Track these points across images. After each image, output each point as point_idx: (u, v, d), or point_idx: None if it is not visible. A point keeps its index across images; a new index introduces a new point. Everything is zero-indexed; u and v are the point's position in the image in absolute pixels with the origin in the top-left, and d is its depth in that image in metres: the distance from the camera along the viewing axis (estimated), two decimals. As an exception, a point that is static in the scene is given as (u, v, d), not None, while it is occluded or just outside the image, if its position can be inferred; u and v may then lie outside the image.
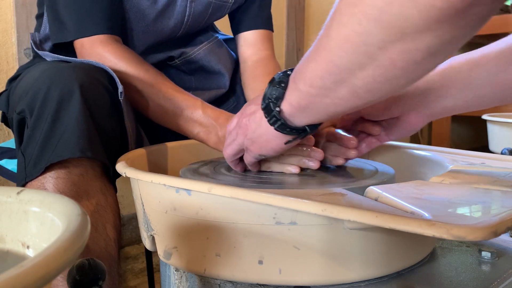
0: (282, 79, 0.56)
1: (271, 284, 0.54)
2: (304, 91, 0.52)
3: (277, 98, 0.56)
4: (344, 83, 0.47)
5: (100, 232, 0.69)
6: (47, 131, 0.67)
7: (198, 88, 1.02)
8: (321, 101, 0.51)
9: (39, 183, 0.67)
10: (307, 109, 0.54)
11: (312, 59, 0.49)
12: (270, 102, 0.56)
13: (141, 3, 0.89)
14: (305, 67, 0.51)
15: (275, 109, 0.56)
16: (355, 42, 0.42)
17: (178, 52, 0.99)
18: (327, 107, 0.51)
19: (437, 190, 0.54)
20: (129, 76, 0.80)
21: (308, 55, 0.51)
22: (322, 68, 0.48)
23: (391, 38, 0.40)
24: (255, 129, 0.62)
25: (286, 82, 0.55)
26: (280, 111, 0.56)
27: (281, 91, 0.55)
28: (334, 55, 0.45)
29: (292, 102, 0.54)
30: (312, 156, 0.67)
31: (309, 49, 0.51)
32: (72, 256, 0.28)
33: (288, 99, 0.55)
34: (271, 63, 1.01)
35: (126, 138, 0.76)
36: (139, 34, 0.92)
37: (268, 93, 0.57)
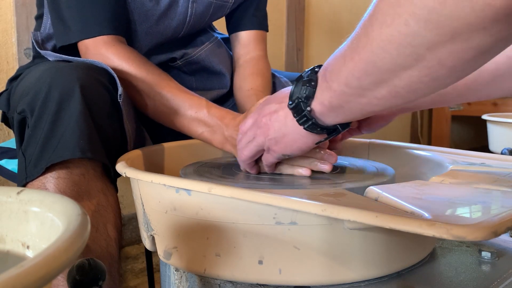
0: (311, 77, 0.54)
1: (271, 284, 0.54)
2: (338, 90, 0.50)
3: (307, 97, 0.54)
4: (384, 84, 0.46)
5: (101, 232, 0.69)
6: (48, 131, 0.67)
7: (199, 89, 1.02)
8: (356, 101, 0.49)
9: (40, 183, 0.67)
10: (341, 109, 0.52)
11: (350, 59, 0.47)
12: (300, 101, 0.54)
13: (144, 4, 0.89)
14: (340, 66, 0.49)
15: (306, 108, 0.54)
16: (400, 43, 0.41)
17: (180, 53, 0.99)
18: (362, 106, 0.50)
19: (437, 190, 0.54)
20: (133, 77, 0.80)
21: (342, 54, 0.49)
22: (360, 68, 0.46)
23: (441, 39, 0.38)
24: (279, 128, 0.60)
25: (315, 80, 0.54)
26: (311, 110, 0.54)
27: (312, 90, 0.54)
28: (376, 56, 0.44)
29: (324, 102, 0.53)
30: (325, 158, 0.66)
31: (343, 48, 0.49)
32: (72, 256, 0.28)
33: (319, 98, 0.53)
34: (260, 63, 1.02)
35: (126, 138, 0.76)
36: (142, 35, 0.92)
37: (296, 92, 0.55)
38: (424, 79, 0.43)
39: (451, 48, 0.39)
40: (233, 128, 0.77)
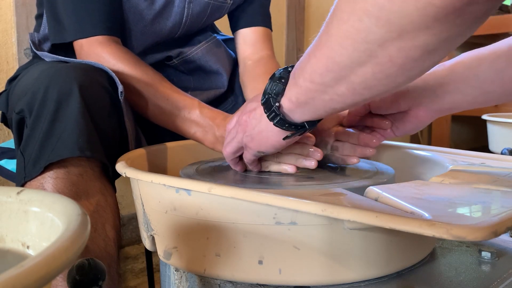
0: (283, 75, 0.57)
1: (271, 284, 0.54)
2: (304, 87, 0.52)
3: (277, 94, 0.56)
4: (343, 80, 0.47)
5: (99, 232, 0.69)
6: (46, 131, 0.67)
7: (196, 88, 1.02)
8: (320, 97, 0.51)
9: (38, 183, 0.67)
10: (306, 105, 0.54)
11: (313, 56, 0.49)
12: (270, 97, 0.57)
13: (139, 4, 0.89)
14: (305, 64, 0.51)
15: (275, 104, 0.56)
16: (355, 39, 0.43)
17: (176, 52, 0.99)
18: (325, 103, 0.52)
19: (437, 190, 0.54)
20: (127, 77, 0.80)
21: (308, 52, 0.51)
22: (322, 64, 0.48)
23: (391, 36, 0.40)
24: (255, 125, 0.62)
25: (286, 78, 0.56)
26: (280, 106, 0.56)
27: (281, 87, 0.56)
28: (334, 52, 0.46)
29: (291, 98, 0.55)
30: (311, 155, 0.67)
31: (310, 46, 0.51)
32: (72, 256, 0.28)
33: (287, 95, 0.55)
34: (271, 63, 1.01)
35: (126, 138, 0.76)
36: (137, 34, 0.92)
37: (268, 89, 0.57)
38: (377, 76, 0.45)
39: (400, 46, 0.41)
40: (223, 128, 0.77)
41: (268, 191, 0.50)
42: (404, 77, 0.45)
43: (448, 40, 0.40)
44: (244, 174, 0.70)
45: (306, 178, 0.66)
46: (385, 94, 0.52)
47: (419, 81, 0.66)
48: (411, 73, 0.45)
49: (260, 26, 1.04)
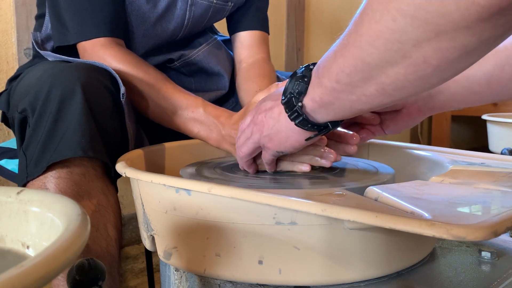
0: (305, 73, 0.54)
1: (271, 284, 0.54)
2: (329, 87, 0.50)
3: (299, 93, 0.54)
4: (372, 81, 0.46)
5: (101, 232, 0.69)
6: (49, 131, 0.67)
7: (198, 90, 1.02)
8: (346, 97, 0.50)
9: (40, 182, 0.67)
10: (331, 106, 0.52)
11: (340, 55, 0.47)
12: (292, 97, 0.55)
13: (141, 7, 0.89)
14: (330, 63, 0.49)
15: (297, 104, 0.54)
16: (388, 39, 0.41)
17: (177, 55, 0.99)
18: (352, 104, 0.50)
19: (437, 190, 0.54)
20: (130, 78, 0.81)
21: (334, 50, 0.49)
22: (350, 64, 0.46)
23: (427, 36, 0.39)
24: (273, 125, 0.60)
25: (309, 77, 0.54)
26: (302, 106, 0.55)
27: (304, 86, 0.54)
28: (364, 51, 0.44)
29: (315, 98, 0.53)
30: (325, 156, 0.67)
31: (335, 45, 0.49)
32: (72, 256, 0.28)
33: (311, 94, 0.54)
34: (265, 66, 1.01)
35: (127, 138, 0.76)
36: (139, 37, 0.92)
37: (290, 88, 0.55)
38: (410, 77, 0.43)
39: (436, 46, 0.39)
40: (229, 127, 0.77)
41: (268, 191, 0.50)
42: (438, 79, 0.44)
43: (488, 40, 0.38)
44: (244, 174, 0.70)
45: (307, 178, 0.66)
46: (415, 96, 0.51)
47: None
48: (446, 74, 0.43)
49: (257, 30, 1.04)
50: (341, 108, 0.52)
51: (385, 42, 0.42)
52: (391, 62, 0.43)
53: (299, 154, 0.67)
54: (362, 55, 0.45)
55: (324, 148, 0.67)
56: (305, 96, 0.54)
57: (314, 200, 0.47)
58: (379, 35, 0.42)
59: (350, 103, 0.50)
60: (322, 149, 0.67)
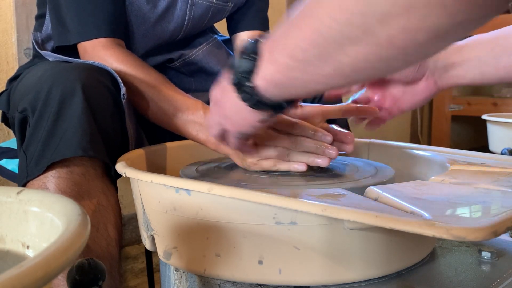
0: (254, 48, 0.49)
1: (271, 284, 0.54)
2: (283, 64, 0.45)
3: (248, 72, 0.49)
4: (330, 59, 0.41)
5: (101, 232, 0.69)
6: (49, 130, 0.67)
7: (198, 90, 1.02)
8: (301, 77, 0.45)
9: (41, 182, 0.67)
10: (284, 85, 0.48)
11: (296, 27, 0.43)
12: (242, 76, 0.50)
13: (142, 7, 0.90)
14: (284, 36, 0.44)
15: (247, 84, 0.49)
16: (351, 11, 0.37)
17: (177, 54, 0.99)
18: (307, 84, 0.46)
19: (437, 190, 0.54)
20: (130, 79, 0.81)
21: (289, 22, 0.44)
22: (306, 37, 0.42)
23: (395, 10, 0.35)
24: (230, 106, 0.55)
25: (259, 52, 0.49)
26: (253, 86, 0.50)
27: (253, 63, 0.48)
28: (323, 24, 0.39)
29: (266, 76, 0.48)
30: (326, 154, 0.66)
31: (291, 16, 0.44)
32: (72, 256, 0.28)
33: (262, 73, 0.48)
34: None
35: (127, 139, 0.76)
36: (139, 37, 0.92)
37: (237, 66, 0.50)
38: (371, 58, 0.39)
39: (404, 25, 0.35)
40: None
41: (268, 191, 0.50)
42: (401, 62, 0.40)
43: (462, 24, 0.34)
44: (244, 174, 0.70)
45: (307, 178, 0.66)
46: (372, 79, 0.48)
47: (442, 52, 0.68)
48: (410, 58, 0.39)
49: (257, 30, 1.04)
50: (296, 88, 0.48)
51: (347, 15, 0.37)
52: (351, 39, 0.38)
53: (296, 153, 0.67)
54: (321, 28, 0.40)
55: (325, 145, 0.66)
56: (255, 74, 0.49)
57: (314, 200, 0.47)
58: (341, 5, 0.37)
59: (304, 83, 0.46)
60: (323, 146, 0.66)
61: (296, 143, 0.66)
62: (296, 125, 0.67)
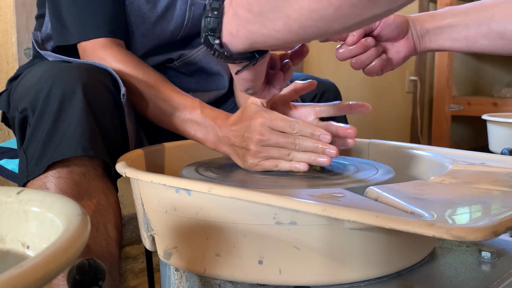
0: (215, 5, 0.50)
1: (271, 284, 0.54)
2: (243, 17, 0.48)
3: (213, 30, 0.50)
4: (280, 13, 0.44)
5: (101, 232, 0.69)
6: (49, 130, 0.67)
7: (198, 90, 1.02)
8: (260, 31, 0.47)
9: (41, 182, 0.67)
10: (248, 39, 0.50)
11: None
12: (208, 35, 0.51)
13: (141, 7, 0.90)
14: None
15: (215, 42, 0.51)
16: None
17: (177, 54, 0.99)
18: (266, 39, 0.48)
19: (437, 190, 0.54)
20: (129, 79, 0.81)
21: None
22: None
23: None
24: None
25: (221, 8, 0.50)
26: (221, 42, 0.51)
27: (216, 20, 0.50)
28: None
29: (232, 31, 0.50)
30: (326, 152, 0.66)
31: None
32: (72, 256, 0.28)
33: (227, 27, 0.50)
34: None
35: (127, 139, 0.76)
36: (139, 37, 0.92)
37: (204, 25, 0.51)
38: (313, 16, 0.42)
39: None
40: (226, 128, 0.76)
41: (268, 191, 0.50)
42: (340, 24, 0.43)
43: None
44: (244, 174, 0.70)
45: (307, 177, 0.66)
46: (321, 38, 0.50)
47: None
48: (347, 20, 0.42)
49: None
50: (258, 42, 0.50)
51: None
52: None
53: (297, 152, 0.67)
54: None
55: (326, 144, 0.66)
56: (221, 31, 0.51)
57: (314, 200, 0.47)
58: None
59: (264, 38, 0.48)
60: (324, 146, 0.66)
61: (296, 143, 0.66)
62: (295, 124, 0.67)
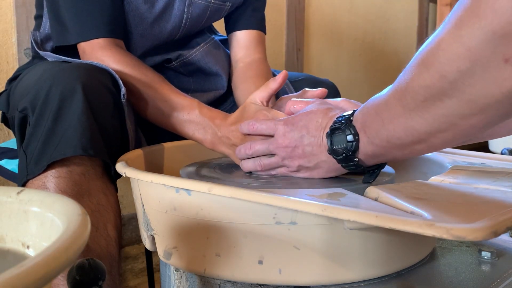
0: (351, 129, 0.58)
1: (271, 284, 0.54)
2: (380, 145, 0.55)
3: (354, 151, 0.58)
4: (423, 142, 0.51)
5: (101, 231, 0.69)
6: (49, 129, 0.67)
7: (196, 90, 1.02)
8: (398, 152, 0.55)
9: (40, 182, 0.67)
10: (383, 156, 0.58)
11: (388, 122, 0.52)
12: (348, 155, 0.58)
13: (139, 7, 0.89)
14: (378, 127, 0.54)
15: (354, 160, 0.59)
16: (436, 113, 0.46)
17: (175, 55, 0.99)
18: (403, 155, 0.56)
19: (437, 190, 0.54)
20: (128, 79, 0.81)
21: (379, 114, 0.53)
22: (400, 131, 0.51)
23: (473, 112, 0.44)
24: (315, 162, 0.63)
25: (356, 134, 0.57)
26: (358, 160, 0.59)
27: (356, 145, 0.58)
28: (414, 121, 0.49)
29: (367, 153, 0.58)
30: None
31: (375, 103, 0.54)
32: (72, 256, 0.28)
33: (363, 151, 0.58)
34: (262, 66, 1.02)
35: (127, 139, 0.76)
36: (137, 37, 0.92)
37: (337, 143, 0.59)
38: (457, 137, 0.49)
39: (482, 117, 0.44)
40: (225, 128, 0.76)
41: (268, 191, 0.50)
42: (483, 132, 0.49)
43: None
44: (244, 174, 0.70)
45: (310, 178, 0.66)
46: None
47: None
48: (488, 129, 0.48)
49: (254, 30, 1.04)
50: (393, 157, 0.57)
51: (433, 115, 0.47)
52: (439, 130, 0.48)
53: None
54: (412, 124, 0.49)
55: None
56: (358, 152, 0.58)
57: (314, 200, 0.47)
58: (426, 109, 0.47)
59: (401, 155, 0.56)
60: None
61: None
62: None
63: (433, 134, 0.49)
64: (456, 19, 0.42)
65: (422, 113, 0.48)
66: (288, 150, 0.64)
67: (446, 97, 0.44)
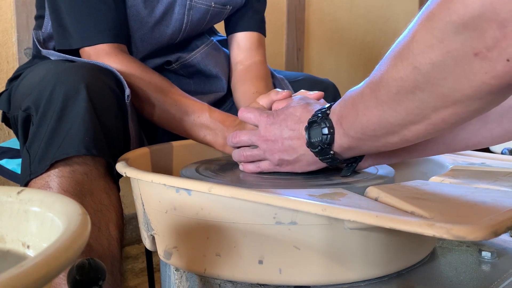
0: (326, 122, 0.58)
1: (271, 284, 0.54)
2: (355, 137, 0.56)
3: (329, 144, 0.59)
4: (396, 134, 0.52)
5: (103, 231, 0.70)
6: (53, 129, 0.67)
7: (197, 92, 1.02)
8: (372, 144, 0.55)
9: (43, 181, 0.67)
10: (358, 149, 0.59)
11: (362, 114, 0.53)
12: (324, 148, 0.59)
13: (139, 12, 0.90)
14: (353, 118, 0.55)
15: (330, 152, 0.60)
16: (409, 106, 0.47)
17: (175, 57, 0.99)
18: (378, 148, 0.57)
19: (437, 190, 0.54)
20: (136, 84, 0.81)
21: (354, 106, 0.54)
22: (373, 123, 0.52)
23: (444, 104, 0.44)
24: (296, 155, 0.64)
25: (332, 127, 0.58)
26: (333, 152, 0.60)
27: (332, 138, 0.58)
28: (387, 114, 0.50)
29: (343, 145, 0.58)
30: None
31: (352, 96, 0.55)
32: (72, 256, 0.28)
33: (338, 143, 0.59)
34: (262, 68, 1.02)
35: (129, 139, 0.76)
36: (137, 42, 0.92)
37: (314, 136, 0.59)
38: (429, 131, 0.49)
39: (453, 111, 0.45)
40: (234, 130, 0.77)
41: (268, 191, 0.50)
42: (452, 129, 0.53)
43: (496, 103, 0.44)
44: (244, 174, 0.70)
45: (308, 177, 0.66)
46: None
47: None
48: (458, 125, 0.49)
49: (254, 32, 1.04)
50: (368, 150, 0.59)
51: (406, 108, 0.47)
52: (412, 122, 0.49)
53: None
54: (385, 116, 0.50)
55: None
56: (333, 144, 0.59)
57: (314, 200, 0.47)
58: (399, 103, 0.48)
59: (376, 147, 0.56)
60: None
61: None
62: None
63: (405, 126, 0.50)
64: (429, 12, 0.42)
65: (394, 105, 0.48)
66: (268, 143, 0.65)
67: (418, 90, 0.45)
